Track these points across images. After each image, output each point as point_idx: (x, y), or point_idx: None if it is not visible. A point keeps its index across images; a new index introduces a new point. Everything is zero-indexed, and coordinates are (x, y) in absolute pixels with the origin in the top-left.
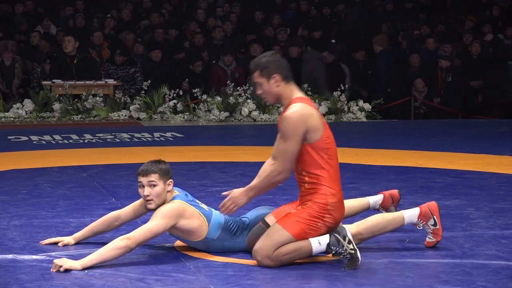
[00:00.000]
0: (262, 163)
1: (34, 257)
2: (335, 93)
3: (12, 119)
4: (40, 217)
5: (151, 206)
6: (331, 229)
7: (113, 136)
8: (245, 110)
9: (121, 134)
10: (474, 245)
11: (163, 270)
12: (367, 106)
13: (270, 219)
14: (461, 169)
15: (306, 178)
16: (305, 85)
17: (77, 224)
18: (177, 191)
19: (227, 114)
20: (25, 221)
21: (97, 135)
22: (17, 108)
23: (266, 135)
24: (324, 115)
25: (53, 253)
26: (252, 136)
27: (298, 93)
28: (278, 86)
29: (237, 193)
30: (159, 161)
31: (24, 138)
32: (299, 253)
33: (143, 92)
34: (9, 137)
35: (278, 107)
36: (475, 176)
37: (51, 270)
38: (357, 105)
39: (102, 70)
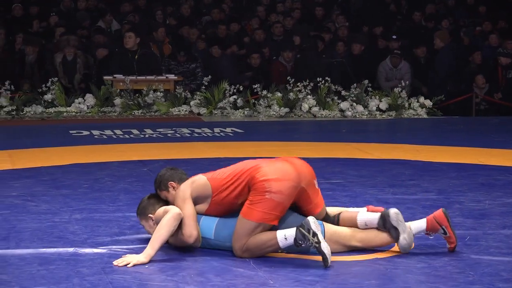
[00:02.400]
0: (321, 159)
1: (95, 250)
2: (396, 90)
3: (74, 113)
4: (101, 211)
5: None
6: (288, 195)
7: (173, 131)
8: (305, 106)
9: (181, 129)
10: None
11: (223, 265)
12: (428, 103)
13: None
14: None
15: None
16: (366, 81)
17: (137, 219)
18: None
19: (287, 109)
20: (86, 215)
21: (157, 130)
22: (79, 103)
23: (326, 131)
24: (384, 111)
25: (114, 247)
26: (312, 132)
27: None
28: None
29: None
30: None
31: (85, 133)
32: (267, 247)
33: (203, 87)
34: (71, 132)
35: (339, 103)
36: None
37: (118, 264)
38: (417, 101)
39: (163, 65)
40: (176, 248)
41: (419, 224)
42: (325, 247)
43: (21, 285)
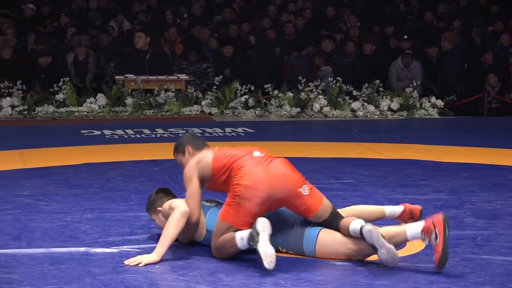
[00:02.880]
0: (332, 159)
1: (107, 250)
2: (407, 89)
3: (85, 113)
4: (113, 210)
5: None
6: (257, 204)
7: (185, 131)
8: (316, 106)
9: (192, 129)
10: None
11: (234, 265)
12: (439, 103)
13: None
14: None
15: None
16: (377, 81)
17: (148, 218)
18: None
19: (298, 109)
20: (97, 214)
21: (169, 129)
22: (90, 103)
23: (337, 131)
24: (395, 111)
25: (124, 247)
26: (323, 131)
27: None
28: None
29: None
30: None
31: (97, 132)
32: (229, 247)
33: (214, 87)
34: (82, 131)
35: (350, 103)
36: None
37: (129, 264)
38: (429, 101)
39: (175, 65)
40: (187, 247)
41: (416, 225)
42: (262, 246)
43: (32, 284)
